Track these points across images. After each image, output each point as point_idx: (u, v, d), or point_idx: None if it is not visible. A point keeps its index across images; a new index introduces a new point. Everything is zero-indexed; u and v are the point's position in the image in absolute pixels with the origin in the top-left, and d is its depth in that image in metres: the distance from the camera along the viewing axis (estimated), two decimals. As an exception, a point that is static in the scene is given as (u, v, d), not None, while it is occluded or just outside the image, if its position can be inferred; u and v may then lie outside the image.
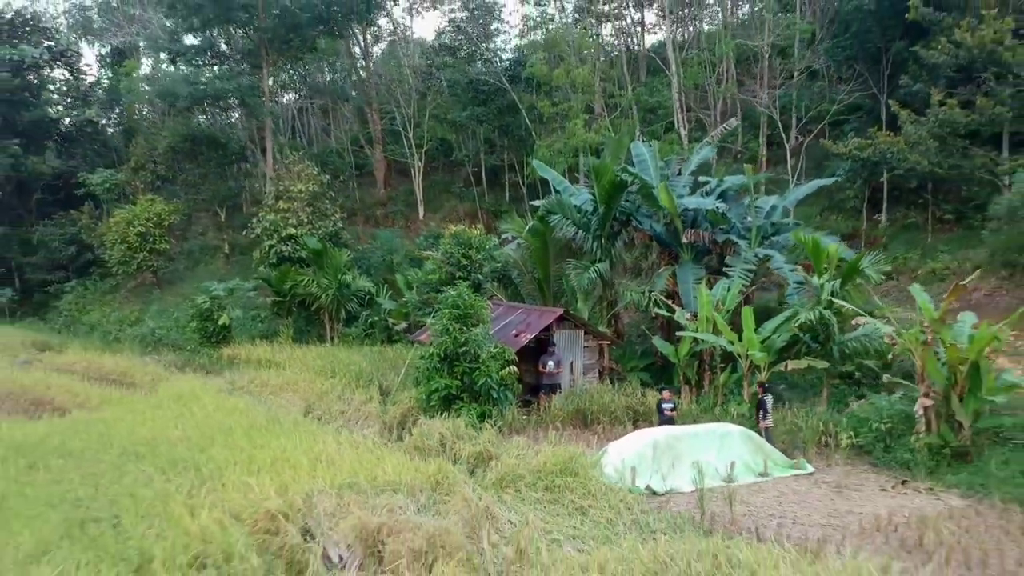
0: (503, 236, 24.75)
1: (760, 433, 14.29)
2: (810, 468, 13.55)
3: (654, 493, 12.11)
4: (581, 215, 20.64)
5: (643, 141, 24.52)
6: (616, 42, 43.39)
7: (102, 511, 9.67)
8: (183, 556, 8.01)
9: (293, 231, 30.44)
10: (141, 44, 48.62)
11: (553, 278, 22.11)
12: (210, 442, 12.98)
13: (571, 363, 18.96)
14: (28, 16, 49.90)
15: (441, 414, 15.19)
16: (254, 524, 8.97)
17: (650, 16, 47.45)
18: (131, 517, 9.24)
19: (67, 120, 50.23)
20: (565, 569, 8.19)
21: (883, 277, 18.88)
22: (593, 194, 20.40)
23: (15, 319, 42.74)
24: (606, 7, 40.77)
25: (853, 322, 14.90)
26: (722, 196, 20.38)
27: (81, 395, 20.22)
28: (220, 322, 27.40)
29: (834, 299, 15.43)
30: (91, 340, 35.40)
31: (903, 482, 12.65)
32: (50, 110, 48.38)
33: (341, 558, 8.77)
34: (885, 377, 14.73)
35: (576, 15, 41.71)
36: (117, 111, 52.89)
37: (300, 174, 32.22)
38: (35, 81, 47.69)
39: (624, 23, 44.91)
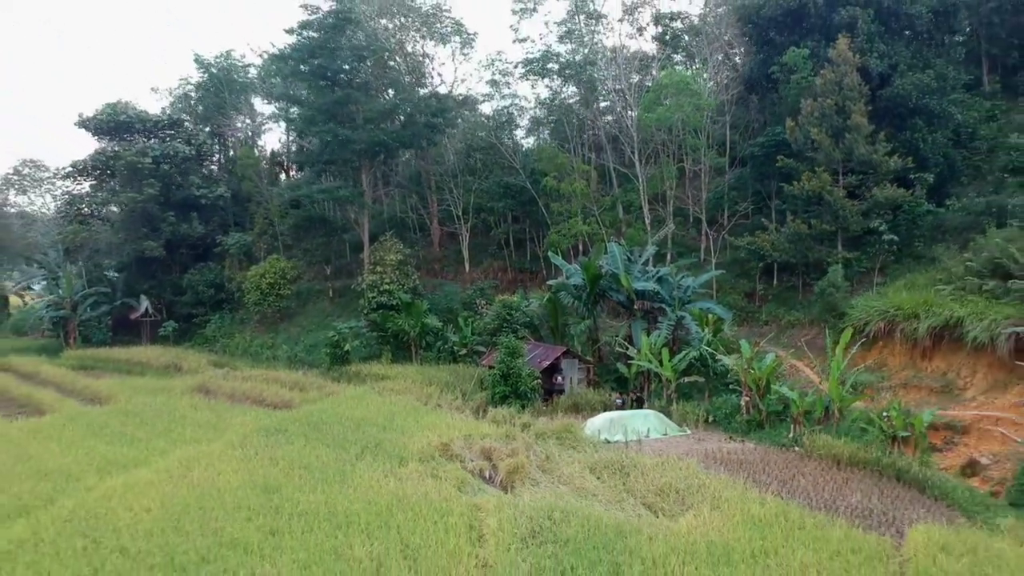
0: (530, 301, 35.72)
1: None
2: (689, 432, 24.44)
3: (608, 442, 23.01)
4: (576, 291, 31.67)
5: (620, 235, 35.46)
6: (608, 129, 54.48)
7: (369, 443, 20.67)
8: (417, 456, 19.04)
9: (387, 287, 41.66)
10: (286, 161, 60.32)
11: (561, 327, 33.08)
12: (392, 418, 23.94)
13: (570, 378, 30.00)
14: (176, 119, 62.02)
15: (500, 405, 26.22)
16: (437, 448, 20.01)
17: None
18: (388, 445, 20.30)
19: (203, 195, 61.69)
20: (565, 463, 19.27)
21: (735, 328, 29.85)
22: (583, 279, 31.38)
23: (171, 344, 54.01)
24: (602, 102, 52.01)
25: (716, 357, 25.88)
26: (660, 279, 31.25)
27: (285, 396, 30.79)
28: (345, 348, 38.51)
29: (707, 346, 26.39)
30: (245, 360, 46.42)
31: (731, 438, 23.49)
32: (192, 189, 60.01)
33: (471, 460, 19.83)
34: (731, 385, 25.63)
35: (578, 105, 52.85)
36: (228, 182, 64.15)
37: (391, 248, 43.57)
38: (182, 168, 59.48)
39: (615, 113, 56.14)
